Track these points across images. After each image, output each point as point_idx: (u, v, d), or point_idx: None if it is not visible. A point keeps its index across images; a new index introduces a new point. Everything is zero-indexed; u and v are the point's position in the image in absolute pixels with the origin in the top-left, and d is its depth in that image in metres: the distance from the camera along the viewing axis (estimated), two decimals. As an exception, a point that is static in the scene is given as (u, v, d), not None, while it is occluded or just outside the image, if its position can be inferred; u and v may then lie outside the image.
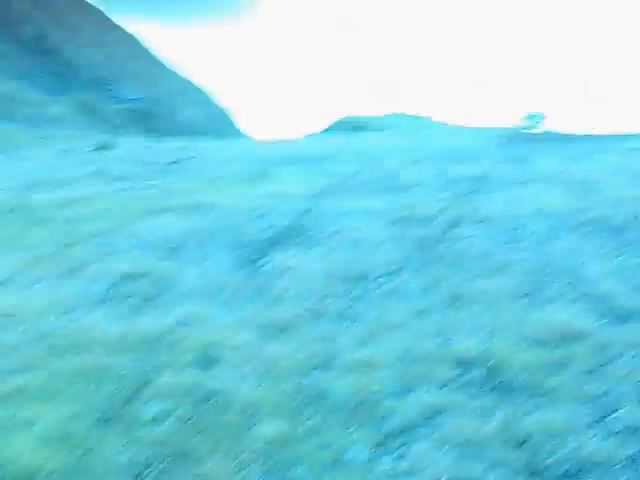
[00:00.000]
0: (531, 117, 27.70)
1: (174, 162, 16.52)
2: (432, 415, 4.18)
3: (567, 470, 3.56)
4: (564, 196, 10.93)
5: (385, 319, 5.91)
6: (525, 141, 22.43)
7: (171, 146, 20.42)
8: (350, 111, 42.18)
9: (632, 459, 3.62)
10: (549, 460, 3.65)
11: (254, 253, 8.21)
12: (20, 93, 34.07)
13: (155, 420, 4.28)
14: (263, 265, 7.73)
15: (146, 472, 3.76)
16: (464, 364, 4.81)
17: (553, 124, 27.31)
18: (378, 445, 3.93)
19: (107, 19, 49.06)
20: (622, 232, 8.30)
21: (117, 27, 49.34)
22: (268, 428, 4.14)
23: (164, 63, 48.88)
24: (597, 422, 3.93)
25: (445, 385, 4.55)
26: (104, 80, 40.68)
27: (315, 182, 13.23)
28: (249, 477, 3.70)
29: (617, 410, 4.02)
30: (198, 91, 47.28)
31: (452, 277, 6.89)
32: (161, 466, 3.80)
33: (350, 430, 4.09)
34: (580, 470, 3.57)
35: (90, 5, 49.12)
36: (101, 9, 49.74)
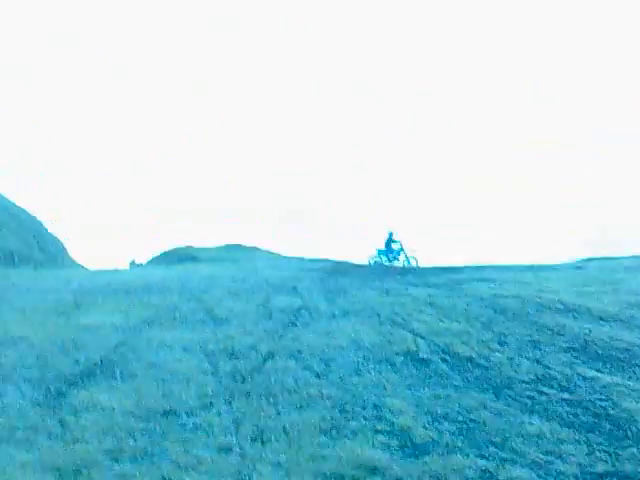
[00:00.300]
0: (388, 250, 29.28)
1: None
2: None
3: None
4: (376, 328, 11.34)
5: (187, 457, 5.69)
6: (345, 273, 23.32)
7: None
8: (180, 242, 42.10)
9: None
10: None
11: (60, 388, 7.74)
12: None
13: None
14: (68, 401, 7.28)
15: None
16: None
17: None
18: None
19: None
20: (427, 364, 8.67)
21: None
22: None
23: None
24: None
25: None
26: None
27: (134, 313, 12.90)
28: None
29: None
30: (19, 216, 45.52)
31: (260, 411, 6.80)
32: None
33: None
34: None
35: None
36: None
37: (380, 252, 29.43)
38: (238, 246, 37.31)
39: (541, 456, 5.12)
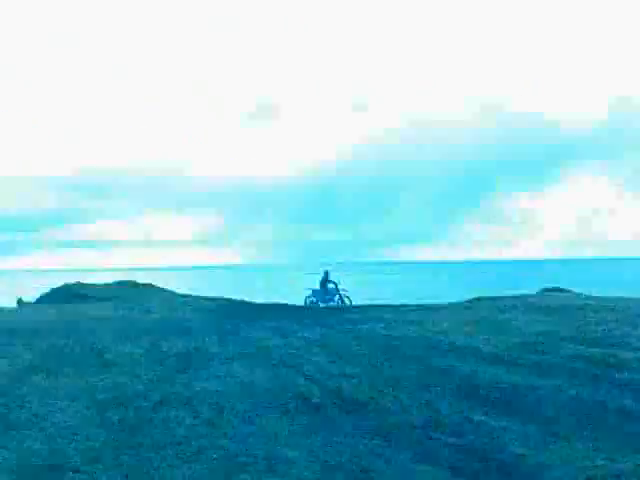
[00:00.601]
0: (322, 290, 29.15)
1: None
2: None
3: None
4: (268, 372, 11.25)
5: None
6: (240, 313, 23.14)
7: None
8: (72, 278, 40.63)
9: None
10: None
11: None
12: None
13: None
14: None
15: None
16: None
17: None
18: None
19: None
20: (319, 409, 8.66)
21: None
22: None
23: None
24: None
25: None
26: None
27: (19, 358, 12.33)
28: None
29: None
30: None
31: (150, 466, 6.56)
32: None
33: None
34: None
35: None
36: None
37: (315, 292, 29.48)
38: (130, 283, 36.42)
39: (431, 506, 5.18)
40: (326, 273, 29.65)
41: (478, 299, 27.02)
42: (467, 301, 27.68)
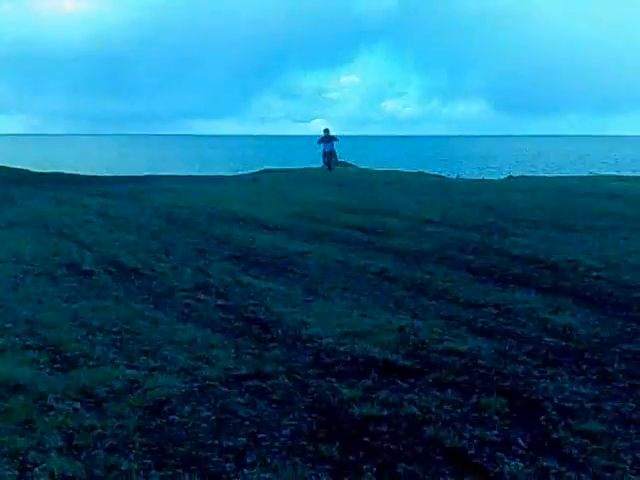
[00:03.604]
0: None
1: None
2: None
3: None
4: (41, 240, 10.78)
5: None
6: (20, 182, 21.76)
7: None
8: None
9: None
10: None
11: None
12: None
13: None
14: None
15: None
16: None
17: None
18: None
19: None
20: (90, 276, 8.46)
21: None
22: None
23: None
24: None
25: None
26: None
27: None
28: None
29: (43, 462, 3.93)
30: None
31: None
32: None
33: None
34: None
35: None
36: None
37: None
38: None
39: (190, 362, 5.29)
40: None
41: (266, 171, 27.51)
42: (255, 173, 28.09)
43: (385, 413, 4.36)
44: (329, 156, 28.75)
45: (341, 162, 31.11)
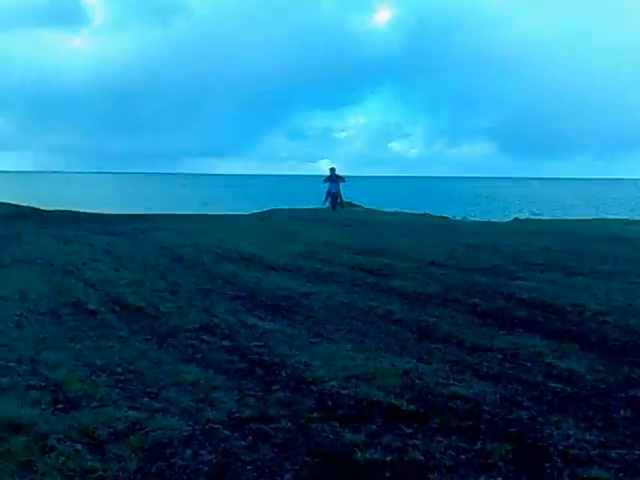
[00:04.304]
0: None
1: None
2: None
3: None
4: (46, 278, 10.82)
5: None
6: (26, 219, 21.90)
7: None
8: None
9: None
10: None
11: None
12: None
13: None
14: None
15: None
16: None
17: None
18: None
19: None
20: (94, 315, 8.47)
21: None
22: None
23: None
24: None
25: None
26: None
27: None
28: None
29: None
30: None
31: None
32: None
33: None
34: None
35: None
36: None
37: None
38: None
39: (192, 404, 5.26)
40: None
41: (274, 211, 27.63)
42: (262, 212, 28.21)
43: (389, 459, 4.32)
44: (335, 196, 28.84)
45: (346, 202, 31.24)
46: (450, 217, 32.48)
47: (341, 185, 29.09)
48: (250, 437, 4.67)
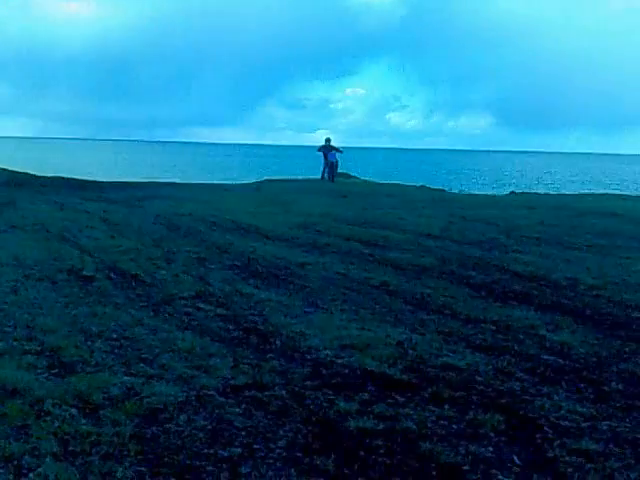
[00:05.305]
0: None
1: None
2: None
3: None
4: (42, 245, 10.80)
5: None
6: (22, 185, 21.81)
7: None
8: None
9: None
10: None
11: None
12: None
13: None
14: None
15: None
16: None
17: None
18: None
19: None
20: (90, 281, 8.46)
21: None
22: None
23: None
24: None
25: None
26: None
27: None
28: None
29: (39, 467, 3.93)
30: None
31: None
32: None
33: None
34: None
35: None
36: None
37: None
38: None
39: (187, 371, 5.29)
40: None
41: (269, 181, 27.54)
42: (258, 182, 28.12)
43: (381, 427, 4.36)
44: (332, 167, 28.73)
45: (343, 174, 31.15)
46: (446, 190, 32.42)
47: (338, 156, 28.97)
48: (244, 404, 4.70)
